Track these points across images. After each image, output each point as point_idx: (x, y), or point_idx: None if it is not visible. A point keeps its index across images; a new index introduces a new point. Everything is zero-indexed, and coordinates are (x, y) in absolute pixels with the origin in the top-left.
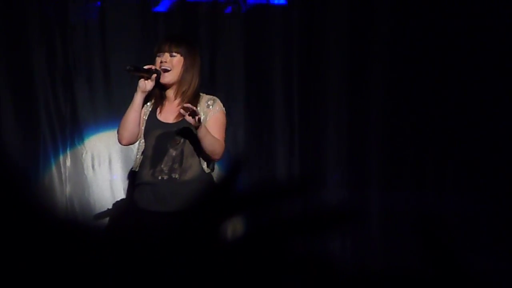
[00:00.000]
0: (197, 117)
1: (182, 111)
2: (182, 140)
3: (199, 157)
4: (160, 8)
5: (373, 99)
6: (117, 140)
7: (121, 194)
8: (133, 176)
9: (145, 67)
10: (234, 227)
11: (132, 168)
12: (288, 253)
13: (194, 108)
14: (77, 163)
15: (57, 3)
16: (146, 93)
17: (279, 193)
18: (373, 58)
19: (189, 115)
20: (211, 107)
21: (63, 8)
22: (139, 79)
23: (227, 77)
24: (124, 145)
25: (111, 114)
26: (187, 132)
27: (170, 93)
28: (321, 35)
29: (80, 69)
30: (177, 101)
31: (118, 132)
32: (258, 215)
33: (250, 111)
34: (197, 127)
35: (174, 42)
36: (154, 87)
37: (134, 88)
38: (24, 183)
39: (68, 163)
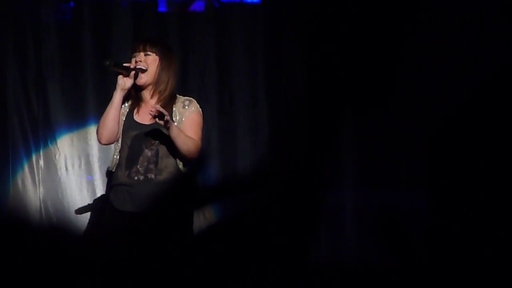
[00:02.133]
0: (165, 118)
1: (150, 113)
2: (156, 141)
3: (174, 158)
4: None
5: (342, 96)
6: (90, 141)
7: (94, 195)
8: (109, 177)
9: (124, 64)
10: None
11: (108, 168)
12: (260, 248)
13: (161, 109)
14: (50, 164)
15: (29, 4)
16: (125, 91)
17: (247, 188)
18: (344, 57)
19: (156, 117)
20: (187, 107)
21: (35, 9)
22: (118, 76)
23: (199, 78)
24: (104, 144)
25: (84, 114)
26: (161, 133)
27: (146, 94)
28: (291, 33)
29: (53, 70)
30: (153, 101)
31: (97, 131)
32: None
33: (223, 111)
34: (168, 128)
35: (149, 42)
36: (131, 87)
37: (106, 89)
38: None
39: (41, 164)
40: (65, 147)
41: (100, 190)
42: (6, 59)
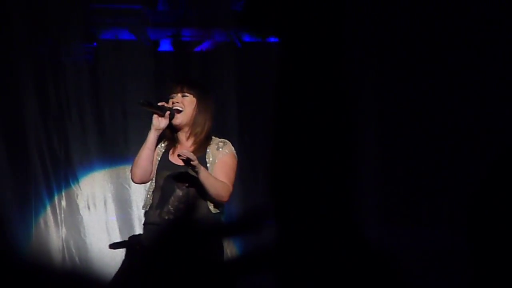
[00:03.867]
0: (191, 163)
1: (179, 157)
2: (188, 182)
3: (205, 199)
4: (158, 48)
5: (367, 131)
6: (112, 181)
7: (117, 234)
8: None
9: (159, 104)
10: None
11: (142, 207)
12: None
13: (188, 154)
14: (72, 204)
15: (50, 45)
16: (160, 131)
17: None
18: (365, 97)
19: (184, 161)
20: (220, 149)
21: (55, 49)
22: (153, 114)
23: (221, 115)
24: (137, 183)
25: (105, 154)
26: (192, 175)
27: (182, 135)
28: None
29: (73, 109)
30: (189, 143)
31: (131, 170)
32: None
33: (244, 151)
34: (196, 172)
35: (187, 84)
36: (167, 128)
37: (127, 129)
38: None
39: (63, 204)
40: (87, 187)
41: (123, 230)
42: (27, 98)
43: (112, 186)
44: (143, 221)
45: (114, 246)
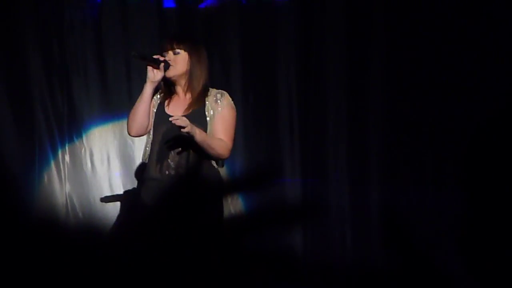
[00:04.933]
0: (184, 130)
1: (173, 123)
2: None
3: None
4: (162, 4)
5: (372, 97)
6: (116, 136)
7: (120, 190)
8: (139, 169)
9: (154, 56)
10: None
11: (142, 158)
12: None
13: (181, 123)
14: (76, 160)
15: (53, 2)
16: (156, 84)
17: (270, 182)
18: (371, 55)
19: (178, 126)
20: (219, 101)
21: (59, 6)
22: (147, 67)
23: (224, 74)
24: (133, 136)
25: (109, 109)
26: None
27: (179, 88)
28: (321, 31)
29: (77, 66)
30: (187, 96)
31: (127, 124)
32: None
33: (248, 109)
34: (192, 137)
35: (176, 39)
36: (163, 80)
37: (131, 84)
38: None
39: (67, 160)
40: (91, 142)
41: (126, 186)
42: (30, 55)
43: (116, 142)
44: (142, 175)
45: (106, 199)
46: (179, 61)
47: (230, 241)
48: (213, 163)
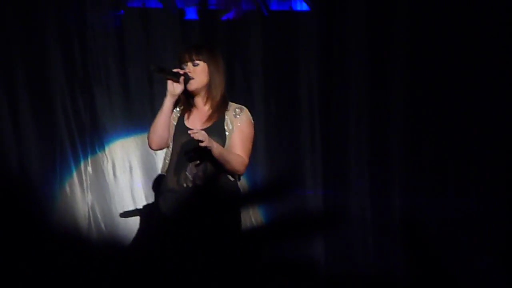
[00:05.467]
0: (202, 145)
1: (192, 136)
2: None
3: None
4: (184, 16)
5: (395, 104)
6: (138, 147)
7: (142, 201)
8: (158, 182)
9: (173, 70)
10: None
11: (160, 172)
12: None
13: (199, 136)
14: (99, 171)
15: (76, 11)
16: (176, 97)
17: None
18: (393, 64)
19: (197, 140)
20: (238, 116)
21: (82, 17)
22: (167, 81)
23: (246, 85)
24: (154, 150)
25: (131, 120)
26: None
27: (199, 100)
28: (342, 40)
29: (100, 77)
30: (206, 107)
31: (148, 137)
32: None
33: (269, 120)
34: (209, 150)
35: (195, 50)
36: (183, 93)
37: (153, 95)
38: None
39: (90, 171)
40: (113, 153)
41: (148, 197)
42: (53, 66)
43: (138, 153)
44: (161, 187)
45: (126, 214)
46: (199, 72)
47: (250, 251)
48: (230, 176)
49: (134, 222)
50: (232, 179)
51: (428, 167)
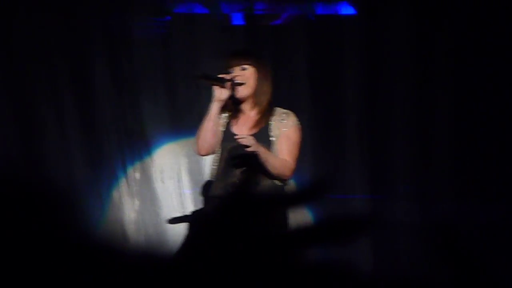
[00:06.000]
0: (249, 150)
1: (239, 141)
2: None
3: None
4: (230, 22)
5: (442, 108)
6: (185, 153)
7: (190, 207)
8: (206, 187)
9: (219, 76)
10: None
11: (207, 177)
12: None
13: (246, 142)
14: (146, 176)
15: (123, 18)
16: (222, 102)
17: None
18: (439, 69)
19: (243, 145)
20: (284, 121)
21: (128, 23)
22: (213, 87)
23: (292, 90)
24: (202, 155)
25: (178, 126)
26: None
27: (246, 106)
28: (388, 44)
29: (146, 83)
30: (253, 113)
31: (196, 143)
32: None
33: (316, 125)
34: (256, 155)
35: (242, 55)
36: (230, 99)
37: (200, 100)
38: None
39: (137, 176)
40: (160, 159)
41: (196, 202)
42: (100, 74)
43: (185, 158)
44: (208, 193)
45: (174, 220)
46: (246, 77)
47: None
48: (277, 181)
49: (182, 228)
50: (279, 183)
51: (476, 171)
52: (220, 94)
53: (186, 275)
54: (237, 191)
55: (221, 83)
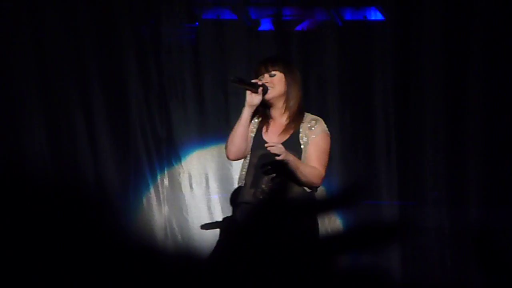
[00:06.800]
0: (278, 158)
1: (269, 149)
2: (283, 162)
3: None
4: (258, 27)
5: (471, 114)
6: (214, 159)
7: (219, 213)
8: (235, 193)
9: (252, 81)
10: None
11: (238, 182)
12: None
13: (276, 150)
14: (175, 182)
15: (152, 24)
16: (254, 108)
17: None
18: (470, 75)
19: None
20: (313, 128)
21: (158, 29)
22: (246, 91)
23: (321, 95)
24: (232, 160)
25: (206, 132)
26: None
27: (275, 112)
28: (417, 50)
29: (175, 89)
30: (283, 118)
31: (226, 147)
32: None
33: (345, 130)
34: (285, 164)
35: (271, 61)
36: (261, 105)
37: (228, 107)
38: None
39: (166, 182)
40: (189, 165)
41: (225, 208)
42: (129, 79)
43: (214, 165)
44: (237, 199)
45: (206, 226)
46: (276, 82)
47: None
48: (306, 188)
49: (210, 234)
50: (308, 190)
51: (506, 176)
52: (252, 99)
53: (216, 280)
54: (267, 198)
55: (253, 88)
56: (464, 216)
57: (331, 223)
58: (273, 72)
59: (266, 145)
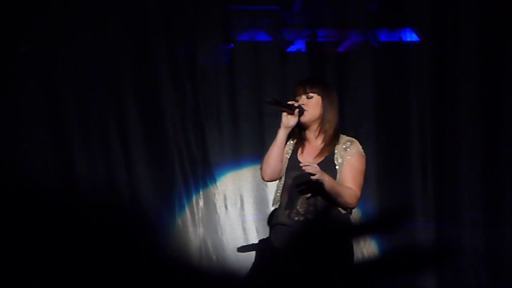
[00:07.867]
0: (313, 178)
1: (304, 169)
2: (316, 185)
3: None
4: (292, 48)
5: (507, 135)
6: (249, 180)
7: (253, 234)
8: (270, 214)
9: (288, 102)
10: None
11: (272, 204)
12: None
13: (311, 170)
14: (210, 203)
15: (187, 46)
16: (289, 129)
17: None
18: (508, 93)
19: (308, 173)
20: (348, 149)
21: (193, 51)
22: (282, 113)
23: (356, 117)
24: (267, 181)
25: (241, 154)
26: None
27: (310, 134)
28: (453, 71)
29: (210, 111)
30: (318, 141)
31: (261, 168)
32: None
33: (380, 151)
34: (320, 184)
35: (309, 83)
36: (296, 126)
37: (263, 128)
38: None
39: (201, 203)
40: (224, 186)
41: (259, 229)
42: (165, 101)
43: (249, 186)
44: (272, 221)
45: (243, 249)
46: (313, 105)
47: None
48: (341, 209)
49: (245, 255)
50: (343, 212)
51: None
52: (288, 121)
53: None
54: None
55: (289, 109)
56: (500, 237)
57: (366, 245)
58: (310, 94)
59: (301, 164)
